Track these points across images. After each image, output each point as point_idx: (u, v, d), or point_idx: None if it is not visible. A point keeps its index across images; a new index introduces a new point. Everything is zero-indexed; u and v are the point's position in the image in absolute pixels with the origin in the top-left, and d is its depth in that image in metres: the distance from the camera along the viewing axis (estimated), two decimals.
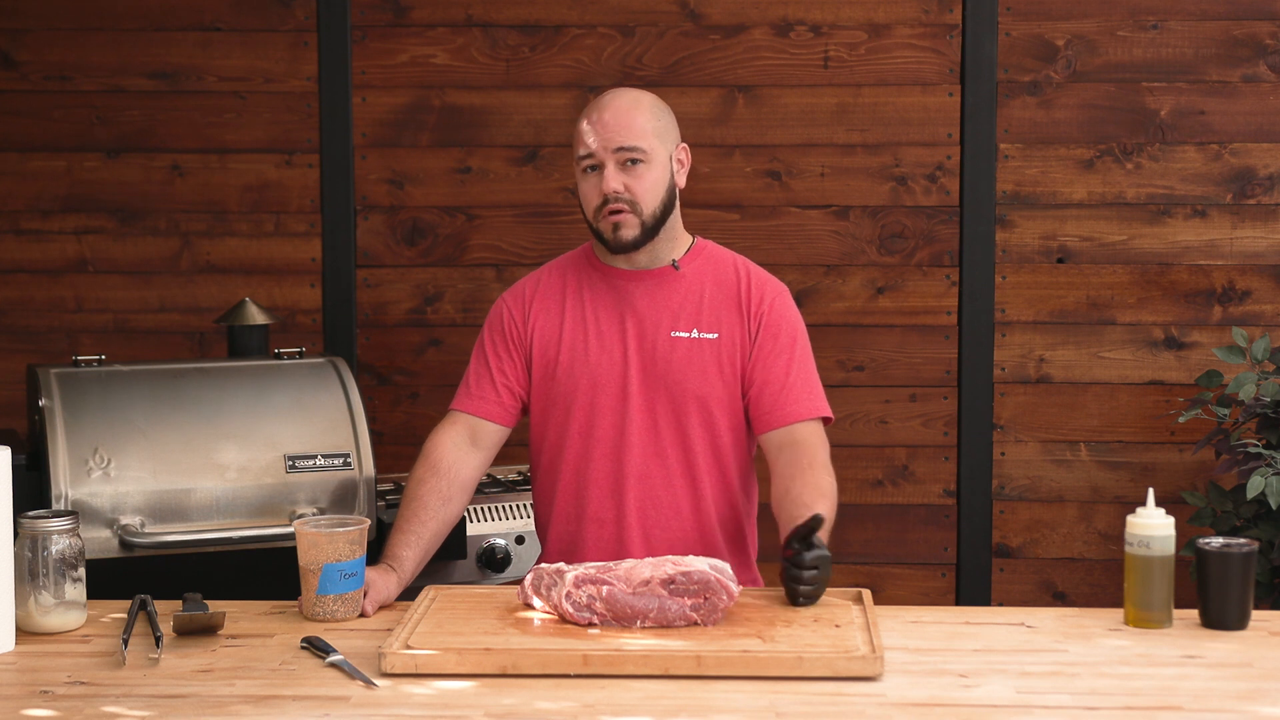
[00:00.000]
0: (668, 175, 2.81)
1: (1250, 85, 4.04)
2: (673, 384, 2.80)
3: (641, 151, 2.76)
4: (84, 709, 2.14)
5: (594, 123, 2.77)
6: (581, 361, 2.83)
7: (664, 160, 2.80)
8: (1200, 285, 4.07)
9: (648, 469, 2.81)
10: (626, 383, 2.81)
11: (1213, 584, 2.48)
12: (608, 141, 2.75)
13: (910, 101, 4.08)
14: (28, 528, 2.47)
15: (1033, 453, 4.12)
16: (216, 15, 4.08)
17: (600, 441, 2.82)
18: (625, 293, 2.84)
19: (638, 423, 2.81)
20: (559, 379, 2.84)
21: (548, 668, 2.25)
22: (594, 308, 2.85)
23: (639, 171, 2.76)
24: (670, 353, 2.81)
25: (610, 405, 2.81)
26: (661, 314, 2.83)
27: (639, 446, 2.81)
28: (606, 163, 2.75)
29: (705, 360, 2.81)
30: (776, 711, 2.11)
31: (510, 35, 4.09)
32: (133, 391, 3.14)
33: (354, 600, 2.53)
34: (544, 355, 2.86)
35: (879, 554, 4.15)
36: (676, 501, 2.82)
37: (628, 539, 2.82)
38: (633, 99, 2.80)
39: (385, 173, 4.11)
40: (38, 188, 4.11)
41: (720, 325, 2.83)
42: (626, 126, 2.75)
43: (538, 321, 2.87)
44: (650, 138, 2.77)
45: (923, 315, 4.11)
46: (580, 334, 2.84)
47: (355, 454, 3.16)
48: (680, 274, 2.85)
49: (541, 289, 2.90)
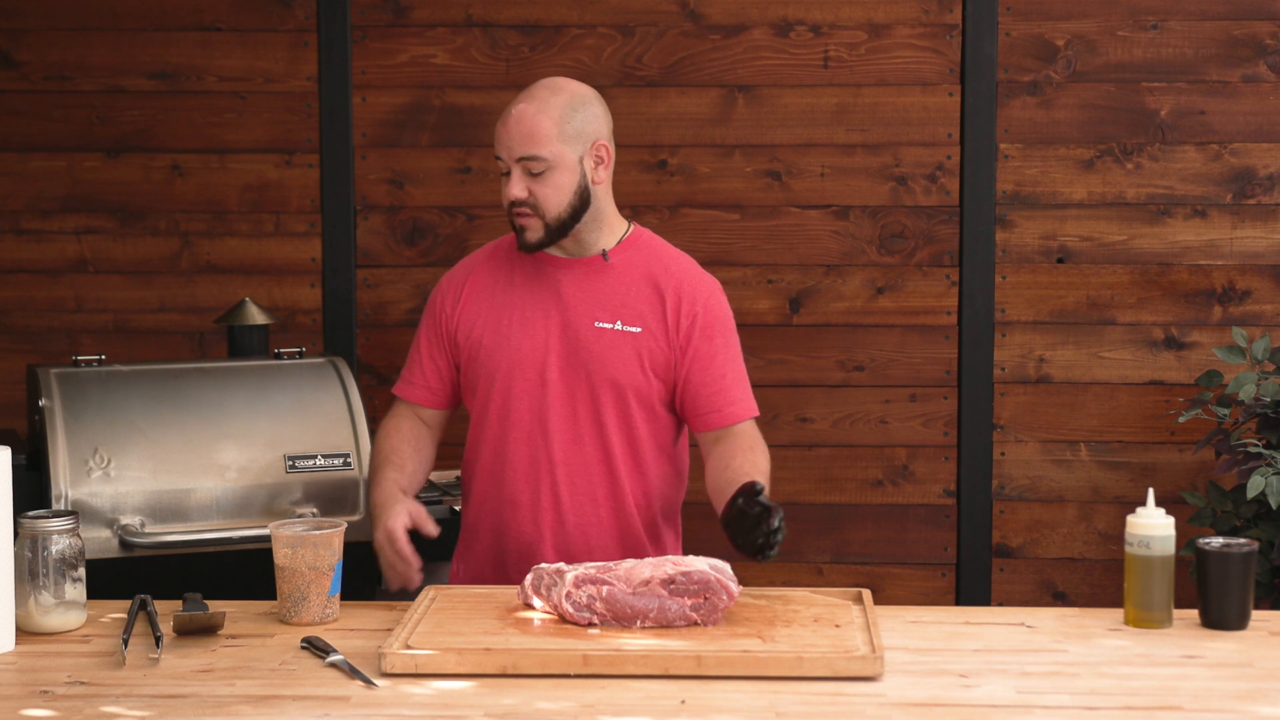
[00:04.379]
0: (577, 177, 2.80)
1: (1250, 85, 4.04)
2: (593, 373, 2.82)
3: (542, 160, 2.76)
4: (84, 709, 2.14)
5: (502, 126, 2.79)
6: (504, 344, 2.85)
7: (572, 163, 2.79)
8: (1200, 285, 4.07)
9: (566, 455, 2.84)
10: (546, 368, 2.83)
11: (1213, 584, 2.48)
12: (510, 150, 2.78)
13: (910, 101, 4.08)
14: (28, 528, 2.47)
15: (1033, 453, 4.12)
16: (216, 15, 4.08)
17: (517, 425, 2.84)
18: (553, 280, 2.86)
19: (556, 409, 2.83)
20: (481, 360, 2.87)
21: (548, 668, 2.25)
22: (523, 293, 2.87)
23: (543, 178, 2.78)
24: (593, 342, 2.83)
25: (528, 390, 2.83)
26: (587, 303, 2.84)
27: (558, 433, 2.83)
28: (512, 169, 2.78)
29: (626, 352, 2.83)
30: (776, 711, 2.12)
31: (510, 35, 4.09)
32: (133, 391, 3.14)
33: (336, 601, 2.54)
34: (469, 338, 2.89)
35: (879, 554, 4.15)
36: (593, 489, 2.85)
37: (542, 522, 2.84)
38: (540, 104, 2.78)
39: (385, 173, 4.12)
40: (38, 188, 4.11)
41: (644, 320, 2.84)
42: (528, 135, 2.76)
43: (466, 305, 2.90)
44: (554, 143, 2.76)
45: (923, 315, 4.11)
46: (505, 318, 2.87)
47: (355, 454, 3.17)
48: (609, 264, 2.87)
49: (476, 273, 2.94)
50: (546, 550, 2.83)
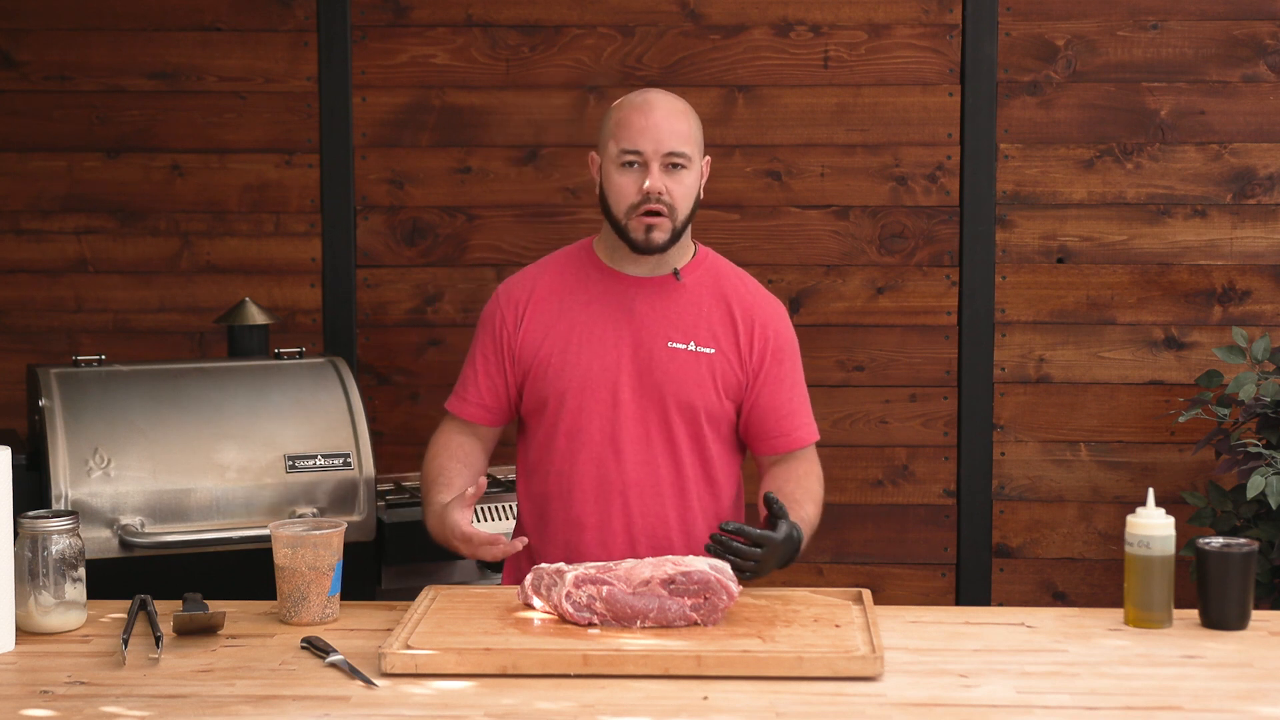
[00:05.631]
0: (699, 183, 2.82)
1: (1250, 85, 4.04)
2: (667, 394, 2.79)
3: (687, 158, 2.77)
4: (84, 709, 2.14)
5: (645, 120, 2.75)
6: (574, 363, 2.80)
7: (698, 169, 2.81)
8: (1200, 285, 4.07)
9: (638, 476, 2.80)
10: (618, 388, 2.79)
11: (1213, 584, 2.48)
12: (659, 144, 2.74)
13: (910, 101, 4.08)
14: (28, 528, 2.47)
15: (1033, 453, 4.12)
16: (216, 15, 4.08)
17: (588, 444, 2.80)
18: (625, 298, 2.83)
19: (629, 430, 2.79)
20: (550, 379, 2.81)
21: (548, 668, 2.25)
22: (592, 310, 2.83)
23: (680, 176, 2.76)
24: (667, 363, 2.80)
25: (600, 410, 2.79)
26: (660, 323, 2.81)
27: (630, 453, 2.79)
28: (652, 163, 2.75)
29: (701, 374, 2.80)
30: (776, 711, 2.12)
31: (510, 35, 4.09)
32: (133, 391, 3.14)
33: (336, 601, 2.54)
34: (535, 356, 2.83)
35: (879, 554, 4.15)
36: (664, 511, 2.81)
37: (611, 544, 2.80)
38: (683, 105, 2.81)
39: (385, 173, 4.11)
40: (38, 188, 4.11)
41: (717, 341, 2.82)
42: (677, 131, 2.76)
43: (531, 321, 2.85)
44: (693, 145, 2.78)
45: (923, 315, 4.11)
46: (574, 335, 2.82)
47: (355, 454, 3.17)
48: (681, 284, 2.84)
49: (539, 289, 2.88)
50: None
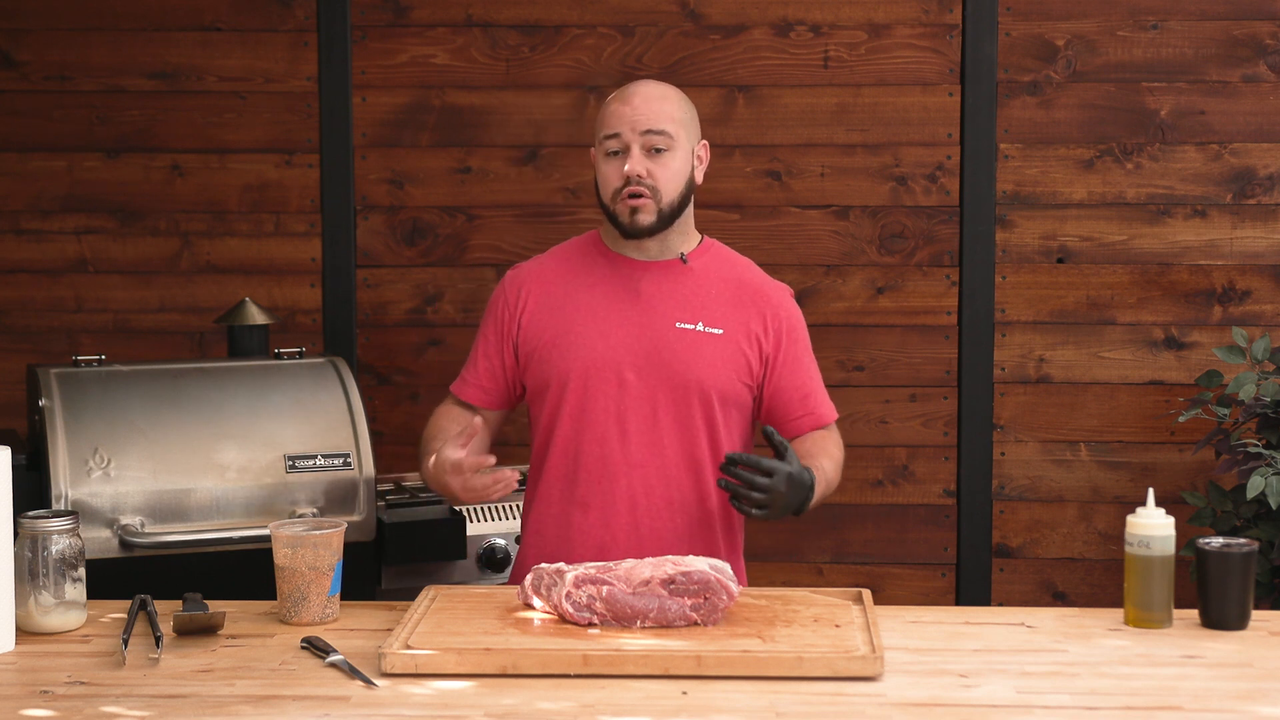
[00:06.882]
0: (688, 167, 2.83)
1: (1250, 85, 4.04)
2: (676, 374, 2.79)
3: (668, 137, 2.78)
4: (84, 709, 2.14)
5: (624, 104, 2.78)
6: (578, 345, 2.81)
7: (687, 152, 2.82)
8: (1200, 285, 4.07)
9: (643, 458, 2.80)
10: (623, 369, 2.79)
11: (1213, 584, 2.48)
12: (636, 124, 2.76)
13: (910, 101, 4.08)
14: (28, 528, 2.47)
15: (1033, 453, 4.12)
16: (216, 15, 4.08)
17: (591, 426, 2.80)
18: (631, 281, 2.84)
19: (635, 410, 2.79)
20: (553, 360, 2.82)
21: (548, 668, 2.25)
22: (597, 293, 2.84)
23: (663, 159, 2.78)
24: (675, 342, 2.80)
25: (605, 390, 2.79)
26: (667, 304, 2.82)
27: (636, 435, 2.79)
28: (632, 145, 2.76)
29: (710, 353, 2.81)
30: (776, 711, 2.12)
31: (510, 35, 4.09)
32: (133, 391, 3.14)
33: (336, 601, 2.55)
34: (540, 338, 2.84)
35: (879, 554, 4.15)
36: (672, 493, 2.80)
37: (615, 525, 2.79)
38: (664, 88, 2.84)
39: (385, 173, 4.11)
40: (38, 188, 4.11)
41: (727, 323, 2.83)
42: (656, 111, 2.78)
43: (532, 305, 2.86)
44: (677, 125, 2.80)
45: (923, 315, 4.11)
46: (579, 317, 2.83)
47: (355, 454, 3.16)
48: (688, 267, 2.86)
49: (545, 273, 2.90)
50: (617, 555, 2.75)
